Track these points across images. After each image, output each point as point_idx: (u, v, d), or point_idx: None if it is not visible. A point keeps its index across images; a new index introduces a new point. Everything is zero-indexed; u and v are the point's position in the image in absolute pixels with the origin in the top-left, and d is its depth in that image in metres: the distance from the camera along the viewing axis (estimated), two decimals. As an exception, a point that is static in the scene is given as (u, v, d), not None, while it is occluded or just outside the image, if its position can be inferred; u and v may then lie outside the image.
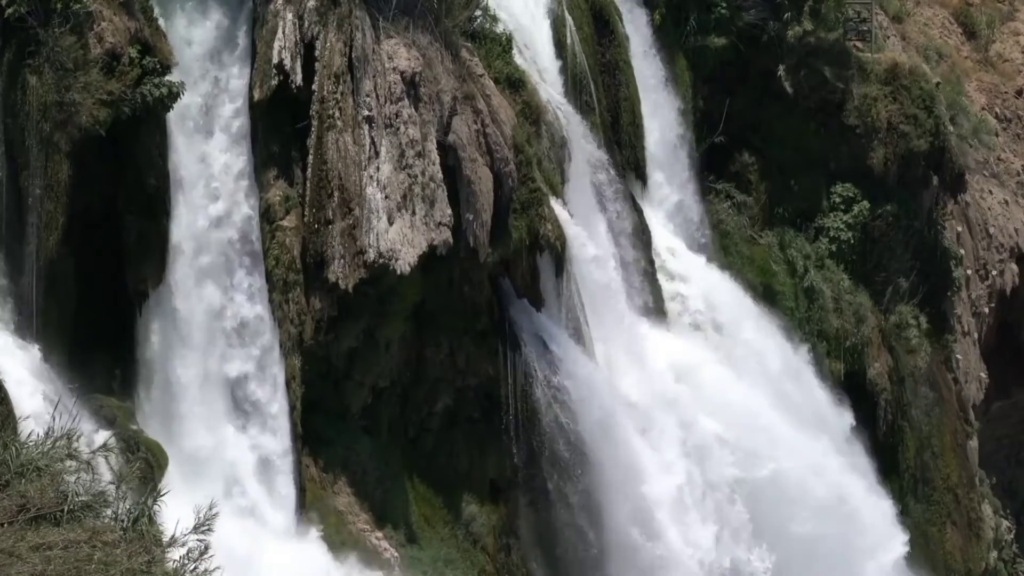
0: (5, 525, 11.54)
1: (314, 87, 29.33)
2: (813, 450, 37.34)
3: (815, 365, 40.72)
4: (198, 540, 11.48)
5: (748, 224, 42.10)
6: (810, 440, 37.43)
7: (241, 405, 28.76)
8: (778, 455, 36.30)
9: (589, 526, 33.03)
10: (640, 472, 33.58)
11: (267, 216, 29.25)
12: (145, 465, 25.49)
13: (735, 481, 35.30)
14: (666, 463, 34.19)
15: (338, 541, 29.18)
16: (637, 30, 39.32)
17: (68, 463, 12.01)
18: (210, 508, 11.66)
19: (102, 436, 24.09)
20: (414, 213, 29.67)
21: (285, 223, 29.25)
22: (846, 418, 40.34)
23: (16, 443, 12.47)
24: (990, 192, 49.37)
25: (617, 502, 33.12)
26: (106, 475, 12.59)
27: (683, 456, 34.54)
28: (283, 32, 29.02)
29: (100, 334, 26.93)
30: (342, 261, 29.09)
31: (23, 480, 11.77)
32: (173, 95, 26.66)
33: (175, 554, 11.52)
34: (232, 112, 28.90)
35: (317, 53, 29.35)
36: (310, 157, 29.23)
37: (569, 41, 36.12)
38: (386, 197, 29.36)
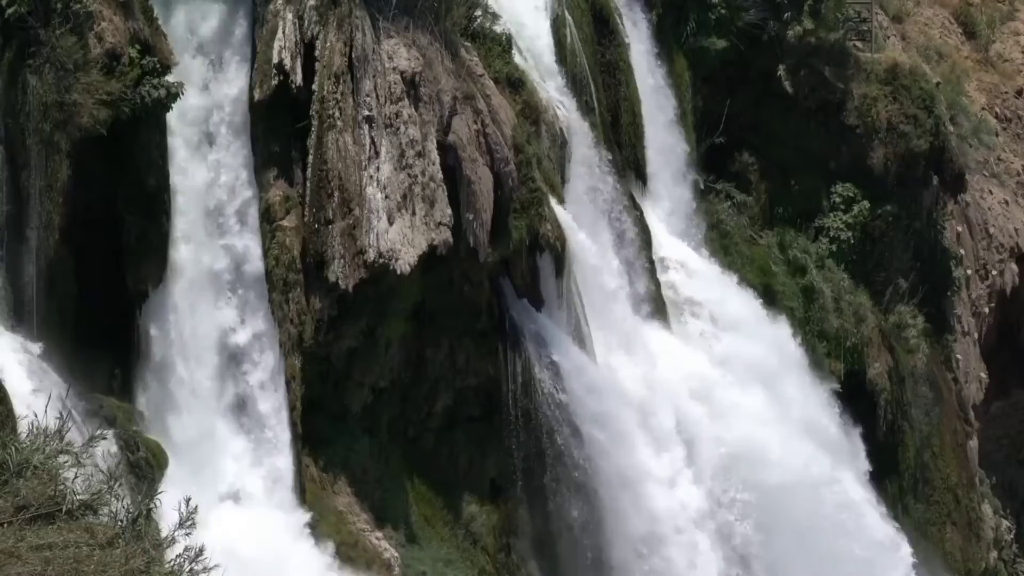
0: (4, 525, 11.54)
1: (314, 87, 29.32)
2: (820, 462, 37.28)
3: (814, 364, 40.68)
4: (184, 535, 11.49)
5: (748, 224, 42.06)
6: (817, 452, 37.37)
7: (241, 405, 28.77)
8: (784, 463, 36.24)
9: (589, 526, 33.01)
10: (641, 472, 33.56)
11: (267, 216, 29.26)
12: (144, 464, 25.50)
13: (739, 483, 35.31)
14: (666, 463, 34.18)
15: (338, 541, 29.18)
16: (637, 30, 39.29)
17: (62, 458, 12.02)
18: (188, 502, 11.69)
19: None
20: (414, 213, 29.68)
21: (285, 223, 29.27)
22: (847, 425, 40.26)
23: (15, 443, 12.47)
24: (990, 192, 49.33)
25: (618, 502, 33.10)
26: (101, 474, 12.59)
27: (683, 457, 34.53)
28: (283, 32, 29.03)
29: (100, 334, 26.94)
30: (342, 261, 29.09)
31: (21, 479, 11.78)
32: (172, 95, 26.68)
33: (171, 553, 11.53)
34: (232, 112, 28.91)
35: (317, 53, 29.35)
36: (310, 157, 29.23)
37: (569, 41, 36.09)
38: (386, 197, 29.37)
